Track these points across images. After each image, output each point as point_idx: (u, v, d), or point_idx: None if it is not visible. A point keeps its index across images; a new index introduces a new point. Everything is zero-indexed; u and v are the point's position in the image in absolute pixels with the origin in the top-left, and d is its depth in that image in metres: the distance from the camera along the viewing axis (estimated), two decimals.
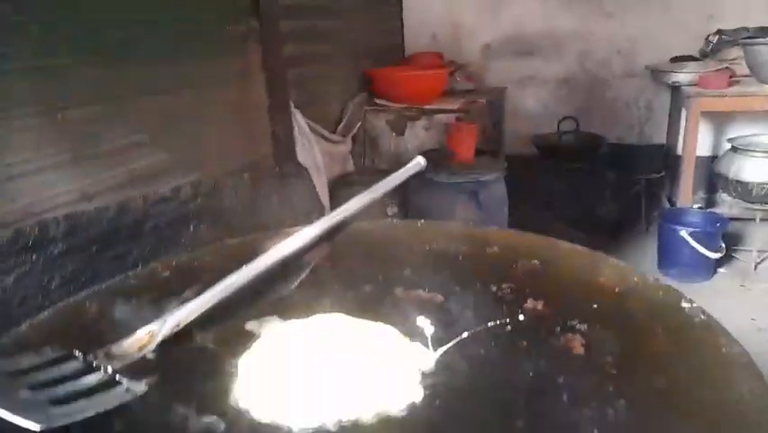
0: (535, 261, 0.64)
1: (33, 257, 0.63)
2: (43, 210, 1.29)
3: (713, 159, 2.81)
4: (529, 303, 0.57)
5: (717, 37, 2.78)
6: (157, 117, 1.60)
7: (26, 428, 0.40)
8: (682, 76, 2.60)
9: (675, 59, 2.84)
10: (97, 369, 0.48)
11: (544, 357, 0.49)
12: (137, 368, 0.49)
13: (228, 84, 1.93)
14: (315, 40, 2.48)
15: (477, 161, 2.43)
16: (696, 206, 2.52)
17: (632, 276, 0.58)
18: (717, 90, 2.38)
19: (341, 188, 2.45)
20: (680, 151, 2.66)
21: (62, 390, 0.44)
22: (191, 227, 0.81)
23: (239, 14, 1.96)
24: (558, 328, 0.52)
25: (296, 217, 0.84)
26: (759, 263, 2.37)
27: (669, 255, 2.32)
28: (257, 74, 2.07)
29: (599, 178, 2.82)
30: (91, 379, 0.46)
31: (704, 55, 2.85)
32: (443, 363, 0.49)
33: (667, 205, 2.75)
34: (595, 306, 0.54)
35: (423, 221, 0.79)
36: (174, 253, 0.74)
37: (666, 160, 2.97)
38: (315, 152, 2.35)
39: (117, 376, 0.47)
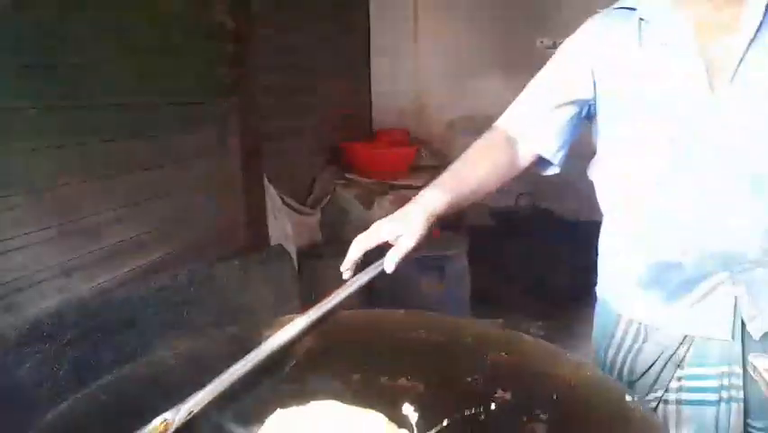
0: (503, 353, 0.74)
1: (47, 345, 0.69)
2: (31, 283, 1.33)
3: None
4: (498, 393, 0.65)
5: None
6: (132, 192, 1.67)
7: None
8: None
9: None
10: None
11: None
12: None
13: (205, 159, 2.03)
14: (288, 116, 2.62)
15: (441, 235, 2.56)
16: None
17: (585, 370, 0.67)
18: None
19: (309, 259, 2.53)
20: None
21: None
22: (185, 313, 0.87)
23: (221, 91, 2.08)
24: (524, 417, 0.61)
25: (280, 299, 0.92)
26: None
27: None
28: (234, 148, 2.18)
29: (554, 250, 2.98)
30: None
31: None
32: None
33: None
34: (554, 396, 0.64)
35: (403, 311, 0.87)
36: (172, 337, 0.81)
37: None
38: (285, 224, 2.43)
39: None
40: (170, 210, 1.82)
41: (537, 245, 3.00)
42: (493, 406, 0.63)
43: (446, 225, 2.76)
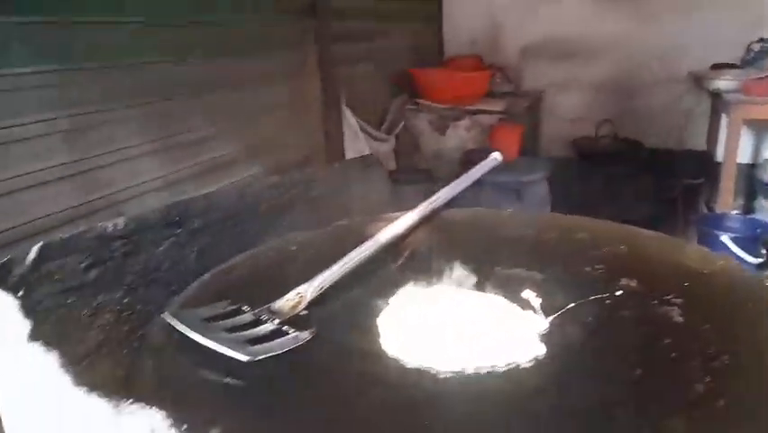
0: (623, 246, 0.72)
1: (178, 231, 0.73)
2: (130, 197, 1.41)
3: (752, 166, 2.85)
4: (623, 281, 0.64)
5: (759, 45, 2.81)
6: (223, 112, 1.73)
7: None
8: (724, 83, 2.64)
9: (716, 67, 2.87)
10: (265, 321, 0.56)
11: (646, 324, 0.56)
12: (297, 321, 0.57)
13: (287, 81, 2.05)
14: (361, 41, 2.58)
15: (519, 161, 2.50)
16: (735, 211, 2.55)
17: (716, 260, 0.65)
18: (760, 98, 2.41)
19: None
20: (720, 157, 2.69)
21: (251, 333, 0.53)
22: (294, 212, 0.90)
23: (298, 14, 2.07)
24: (655, 302, 0.59)
25: (377, 204, 0.93)
26: None
27: None
28: (313, 72, 2.18)
29: (638, 181, 2.86)
30: (265, 328, 0.55)
31: (745, 63, 2.88)
32: (556, 327, 0.57)
33: (705, 210, 2.78)
34: (686, 284, 0.62)
35: (509, 210, 0.87)
36: (284, 232, 0.84)
37: (705, 166, 3.00)
38: (363, 149, 2.44)
39: (284, 327, 0.56)
40: (256, 131, 1.86)
41: (621, 175, 2.88)
42: (619, 292, 0.62)
43: (525, 152, 2.69)
